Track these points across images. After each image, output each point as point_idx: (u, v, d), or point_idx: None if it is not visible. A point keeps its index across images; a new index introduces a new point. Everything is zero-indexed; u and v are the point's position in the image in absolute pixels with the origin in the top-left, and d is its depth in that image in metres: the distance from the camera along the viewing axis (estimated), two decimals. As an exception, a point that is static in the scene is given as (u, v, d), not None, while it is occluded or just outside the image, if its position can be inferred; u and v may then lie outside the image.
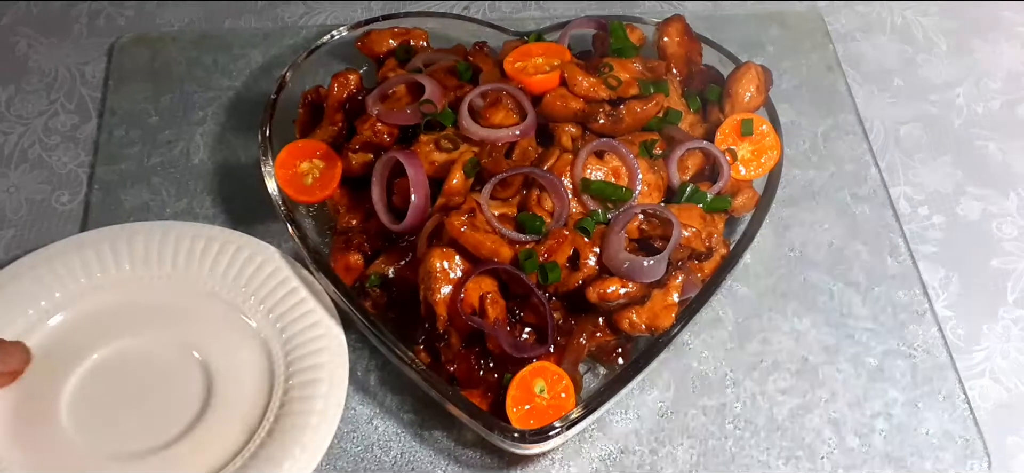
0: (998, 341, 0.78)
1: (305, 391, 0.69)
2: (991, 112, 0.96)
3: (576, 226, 0.67)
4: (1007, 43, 1.02)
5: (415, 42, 0.84)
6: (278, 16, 1.02)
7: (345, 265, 0.72)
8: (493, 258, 0.65)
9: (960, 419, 0.71)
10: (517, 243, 0.66)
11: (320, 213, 0.79)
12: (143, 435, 0.68)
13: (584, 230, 0.67)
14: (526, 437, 0.61)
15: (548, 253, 0.65)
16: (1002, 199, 0.88)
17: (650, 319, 0.65)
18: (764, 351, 0.75)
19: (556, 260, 0.65)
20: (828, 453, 0.69)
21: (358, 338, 0.74)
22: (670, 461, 0.69)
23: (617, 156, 0.70)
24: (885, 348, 0.75)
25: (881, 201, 0.85)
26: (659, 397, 0.72)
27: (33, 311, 0.73)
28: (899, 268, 0.80)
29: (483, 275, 0.66)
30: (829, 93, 0.94)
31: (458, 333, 0.65)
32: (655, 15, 0.92)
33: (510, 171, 0.69)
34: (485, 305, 0.64)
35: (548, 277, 0.65)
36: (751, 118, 0.76)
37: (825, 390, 0.73)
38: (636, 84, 0.74)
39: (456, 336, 0.65)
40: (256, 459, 0.65)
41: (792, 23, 1.01)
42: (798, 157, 0.88)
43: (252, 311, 0.74)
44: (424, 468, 0.68)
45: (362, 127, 0.75)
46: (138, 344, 0.73)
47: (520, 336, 0.66)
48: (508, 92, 0.73)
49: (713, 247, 0.70)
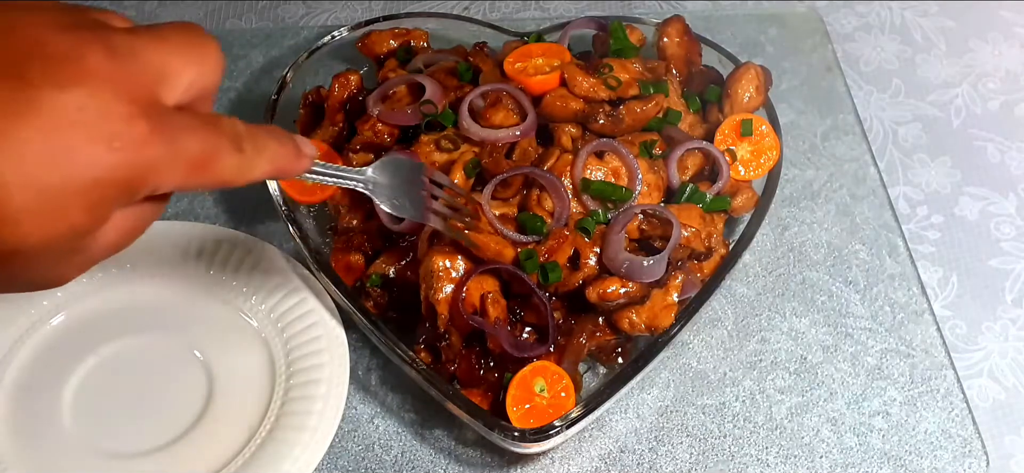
0: (996, 341, 0.79)
1: (306, 391, 0.69)
2: (990, 112, 0.96)
3: (577, 226, 0.67)
4: (1006, 43, 1.02)
5: (416, 43, 0.84)
6: (279, 16, 1.02)
7: (346, 265, 0.72)
8: (496, 259, 0.65)
9: (958, 418, 0.71)
10: (518, 244, 0.66)
11: (321, 213, 0.79)
12: (143, 435, 0.68)
13: (585, 230, 0.67)
14: (526, 436, 0.61)
15: (548, 253, 0.65)
16: (1001, 199, 0.88)
17: (650, 319, 0.66)
18: (763, 350, 0.75)
19: (556, 260, 0.65)
20: (826, 452, 0.70)
21: (359, 338, 0.74)
22: (669, 460, 0.69)
23: (617, 156, 0.70)
24: (883, 347, 0.75)
25: (880, 201, 0.85)
26: (658, 396, 0.72)
27: (34, 311, 0.73)
28: (898, 268, 0.80)
29: (484, 274, 0.66)
30: (828, 93, 0.94)
31: (459, 332, 0.65)
32: (655, 15, 0.92)
33: (511, 171, 0.69)
34: (486, 305, 0.65)
35: (549, 277, 0.65)
36: (751, 118, 0.76)
37: (824, 389, 0.73)
38: (636, 84, 0.75)
39: (457, 335, 0.65)
40: (256, 459, 0.66)
41: (791, 23, 1.01)
42: (797, 157, 0.89)
43: (253, 311, 0.74)
44: (425, 467, 0.69)
45: (363, 127, 0.75)
46: (139, 344, 0.73)
47: (520, 335, 0.67)
48: (508, 92, 0.73)
49: (713, 247, 0.70)
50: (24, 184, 0.34)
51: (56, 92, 0.35)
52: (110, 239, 0.40)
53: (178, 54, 0.39)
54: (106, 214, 0.37)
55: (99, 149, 0.35)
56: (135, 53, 0.38)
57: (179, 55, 0.40)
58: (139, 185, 0.37)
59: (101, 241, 0.39)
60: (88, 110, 0.35)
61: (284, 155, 0.47)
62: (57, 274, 0.39)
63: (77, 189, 0.35)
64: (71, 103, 0.35)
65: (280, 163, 0.46)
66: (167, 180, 0.39)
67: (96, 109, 0.35)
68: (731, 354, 0.75)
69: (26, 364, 0.71)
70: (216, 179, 0.41)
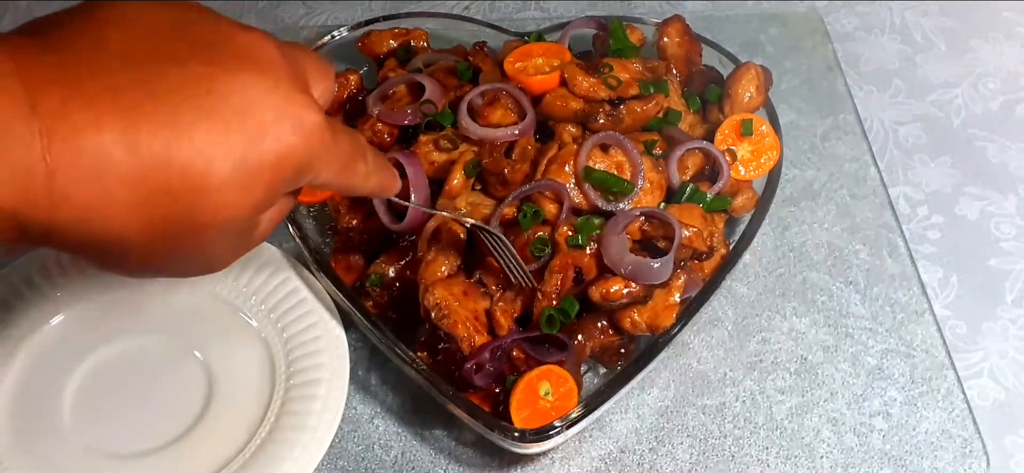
0: (997, 341, 0.78)
1: (306, 391, 0.69)
2: (990, 112, 0.96)
3: (567, 243, 0.66)
4: (1007, 43, 1.02)
5: (415, 42, 0.84)
6: (278, 17, 1.02)
7: (346, 265, 0.72)
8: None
9: (959, 418, 0.71)
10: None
11: (321, 213, 0.79)
12: (143, 435, 0.68)
13: (577, 246, 0.66)
14: (526, 436, 0.61)
15: (560, 286, 0.65)
16: (1001, 199, 0.88)
17: (651, 318, 0.66)
18: (763, 350, 0.75)
19: (568, 295, 0.65)
20: (827, 452, 0.70)
21: (359, 338, 0.74)
22: (669, 460, 0.69)
23: (621, 150, 0.70)
24: (884, 347, 0.75)
25: (880, 201, 0.85)
26: (659, 396, 0.72)
27: (33, 311, 0.73)
28: (898, 268, 0.80)
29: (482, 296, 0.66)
30: (829, 93, 0.94)
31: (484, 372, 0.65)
32: (655, 15, 0.92)
33: (514, 195, 0.68)
34: (496, 315, 0.65)
35: (570, 315, 0.65)
36: (751, 118, 0.76)
37: (824, 389, 0.73)
38: (636, 84, 0.75)
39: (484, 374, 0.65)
40: (256, 459, 0.65)
41: (792, 23, 1.01)
42: (798, 157, 0.89)
43: (253, 311, 0.74)
44: (425, 467, 0.69)
45: (362, 127, 0.75)
46: (139, 344, 0.73)
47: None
48: (507, 91, 0.73)
49: (714, 246, 0.70)
50: (225, 157, 0.36)
51: (248, 76, 0.38)
52: (265, 226, 0.43)
53: (315, 66, 0.43)
54: (278, 195, 0.40)
55: (285, 129, 0.38)
56: (296, 56, 0.42)
57: (316, 67, 0.43)
58: (307, 170, 0.40)
59: (263, 225, 0.42)
60: (276, 94, 0.38)
61: (390, 176, 0.52)
62: (226, 254, 0.42)
63: (266, 165, 0.38)
64: (262, 86, 0.38)
65: (385, 181, 0.51)
66: (324, 172, 0.42)
67: (282, 94, 0.38)
68: (731, 354, 0.75)
69: (26, 364, 0.71)
70: (352, 182, 0.45)
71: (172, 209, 0.36)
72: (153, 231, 0.37)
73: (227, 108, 0.36)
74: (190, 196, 0.36)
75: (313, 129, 0.39)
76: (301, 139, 0.39)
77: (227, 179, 0.37)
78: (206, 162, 0.36)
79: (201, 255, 0.40)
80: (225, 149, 0.36)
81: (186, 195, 0.36)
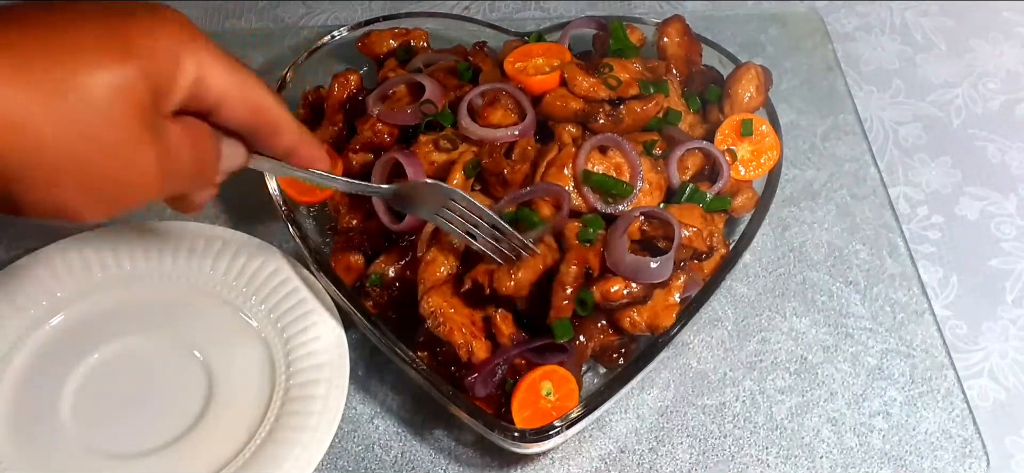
0: (997, 341, 0.78)
1: (306, 391, 0.69)
2: (990, 112, 0.96)
3: (578, 238, 0.66)
4: (1007, 43, 1.02)
5: (415, 42, 0.84)
6: (278, 16, 1.02)
7: (346, 265, 0.72)
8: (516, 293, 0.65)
9: (959, 418, 0.71)
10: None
11: (321, 213, 0.79)
12: (143, 435, 0.68)
13: (587, 240, 0.66)
14: (526, 436, 0.61)
15: (575, 278, 0.65)
16: (1001, 199, 0.88)
17: (651, 318, 0.66)
18: (763, 350, 0.75)
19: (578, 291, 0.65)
20: (827, 452, 0.70)
21: (359, 338, 0.74)
22: (669, 460, 0.69)
23: (620, 152, 0.70)
24: (884, 347, 0.75)
25: (880, 201, 0.85)
26: (659, 396, 0.72)
27: (33, 311, 0.73)
28: (898, 268, 0.80)
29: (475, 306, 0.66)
30: (829, 93, 0.94)
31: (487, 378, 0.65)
32: (655, 15, 0.92)
33: (513, 197, 0.68)
34: (496, 323, 0.65)
35: (586, 306, 0.64)
36: (751, 118, 0.76)
37: (824, 389, 0.73)
38: (636, 84, 0.75)
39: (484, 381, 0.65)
40: (256, 459, 0.65)
41: (792, 23, 1.01)
42: (798, 157, 0.89)
43: (253, 311, 0.74)
44: (425, 467, 0.69)
45: (362, 127, 0.75)
46: (138, 344, 0.73)
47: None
48: (506, 92, 0.73)
49: (714, 246, 0.70)
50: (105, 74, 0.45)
51: None
52: (185, 156, 0.49)
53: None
54: (154, 84, 0.46)
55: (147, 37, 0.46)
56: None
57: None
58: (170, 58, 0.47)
59: (173, 139, 0.48)
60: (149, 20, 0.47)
61: (312, 142, 0.61)
62: (148, 171, 0.47)
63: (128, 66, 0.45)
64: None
65: (307, 139, 0.62)
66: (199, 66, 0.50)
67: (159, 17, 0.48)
68: (731, 354, 0.75)
69: (26, 364, 0.71)
70: (254, 94, 0.58)
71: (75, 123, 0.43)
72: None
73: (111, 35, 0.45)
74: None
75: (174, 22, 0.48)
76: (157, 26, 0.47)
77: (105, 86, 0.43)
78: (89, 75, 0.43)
79: (114, 167, 0.45)
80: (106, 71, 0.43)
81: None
